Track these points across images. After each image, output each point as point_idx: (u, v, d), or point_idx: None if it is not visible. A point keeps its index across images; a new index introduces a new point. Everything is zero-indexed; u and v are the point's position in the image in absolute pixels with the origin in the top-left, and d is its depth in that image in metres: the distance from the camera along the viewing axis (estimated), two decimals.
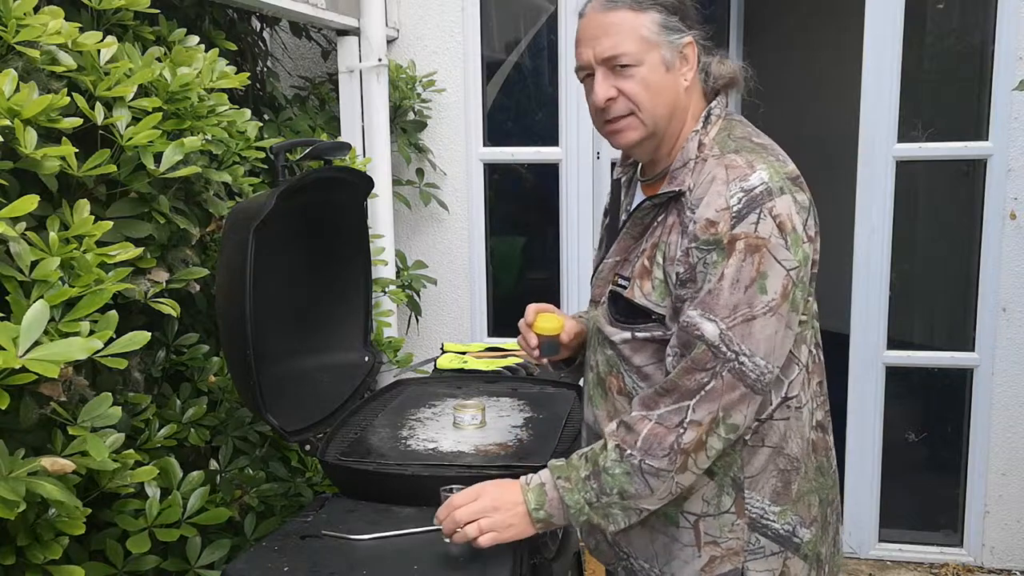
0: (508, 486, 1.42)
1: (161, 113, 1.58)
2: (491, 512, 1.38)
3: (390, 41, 3.24)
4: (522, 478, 1.42)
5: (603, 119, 1.44)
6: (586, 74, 1.43)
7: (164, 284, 1.59)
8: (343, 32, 2.90)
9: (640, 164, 1.56)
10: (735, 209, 1.31)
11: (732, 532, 1.43)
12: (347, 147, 1.99)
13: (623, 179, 1.59)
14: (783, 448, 1.44)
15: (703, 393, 1.32)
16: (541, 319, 1.59)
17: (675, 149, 1.44)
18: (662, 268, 1.38)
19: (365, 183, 2.01)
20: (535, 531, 1.41)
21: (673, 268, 1.36)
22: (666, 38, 1.38)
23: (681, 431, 1.33)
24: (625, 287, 1.44)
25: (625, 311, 1.45)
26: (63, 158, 1.37)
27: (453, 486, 1.44)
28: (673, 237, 1.37)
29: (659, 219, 1.42)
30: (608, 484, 1.36)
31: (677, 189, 1.38)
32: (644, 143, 1.44)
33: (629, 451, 1.35)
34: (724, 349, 1.31)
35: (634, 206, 1.47)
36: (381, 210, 2.97)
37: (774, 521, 1.44)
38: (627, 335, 1.44)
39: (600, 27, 1.39)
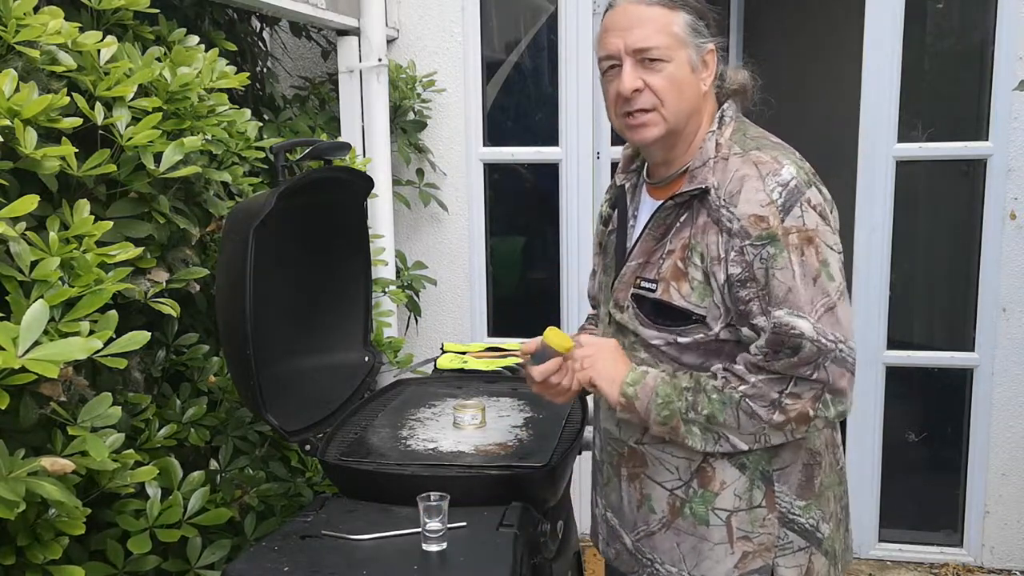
0: (618, 354, 1.48)
1: (161, 113, 1.58)
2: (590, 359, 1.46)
3: (390, 41, 3.24)
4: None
5: (624, 111, 1.43)
6: (611, 64, 1.42)
7: (164, 284, 1.59)
8: (343, 32, 2.89)
9: (645, 169, 1.56)
10: (779, 202, 1.34)
11: (763, 527, 1.45)
12: (347, 147, 1.99)
13: (627, 185, 1.58)
14: (806, 441, 1.46)
15: (808, 382, 1.35)
16: (553, 332, 1.47)
17: (690, 150, 1.46)
18: (701, 269, 1.39)
19: (365, 183, 2.01)
20: (614, 402, 1.44)
21: (721, 268, 1.37)
22: (694, 40, 1.41)
23: (784, 399, 1.36)
24: (653, 289, 1.44)
25: (653, 312, 1.45)
26: (63, 158, 1.37)
27: (431, 494, 1.44)
28: (711, 237, 1.38)
29: (682, 219, 1.43)
30: (702, 404, 1.38)
31: (702, 187, 1.40)
32: (662, 140, 1.44)
33: (733, 385, 1.37)
34: (824, 341, 1.34)
35: (655, 208, 1.47)
36: (381, 210, 2.97)
37: (800, 516, 1.46)
38: (670, 338, 1.44)
39: (633, 18, 1.40)
